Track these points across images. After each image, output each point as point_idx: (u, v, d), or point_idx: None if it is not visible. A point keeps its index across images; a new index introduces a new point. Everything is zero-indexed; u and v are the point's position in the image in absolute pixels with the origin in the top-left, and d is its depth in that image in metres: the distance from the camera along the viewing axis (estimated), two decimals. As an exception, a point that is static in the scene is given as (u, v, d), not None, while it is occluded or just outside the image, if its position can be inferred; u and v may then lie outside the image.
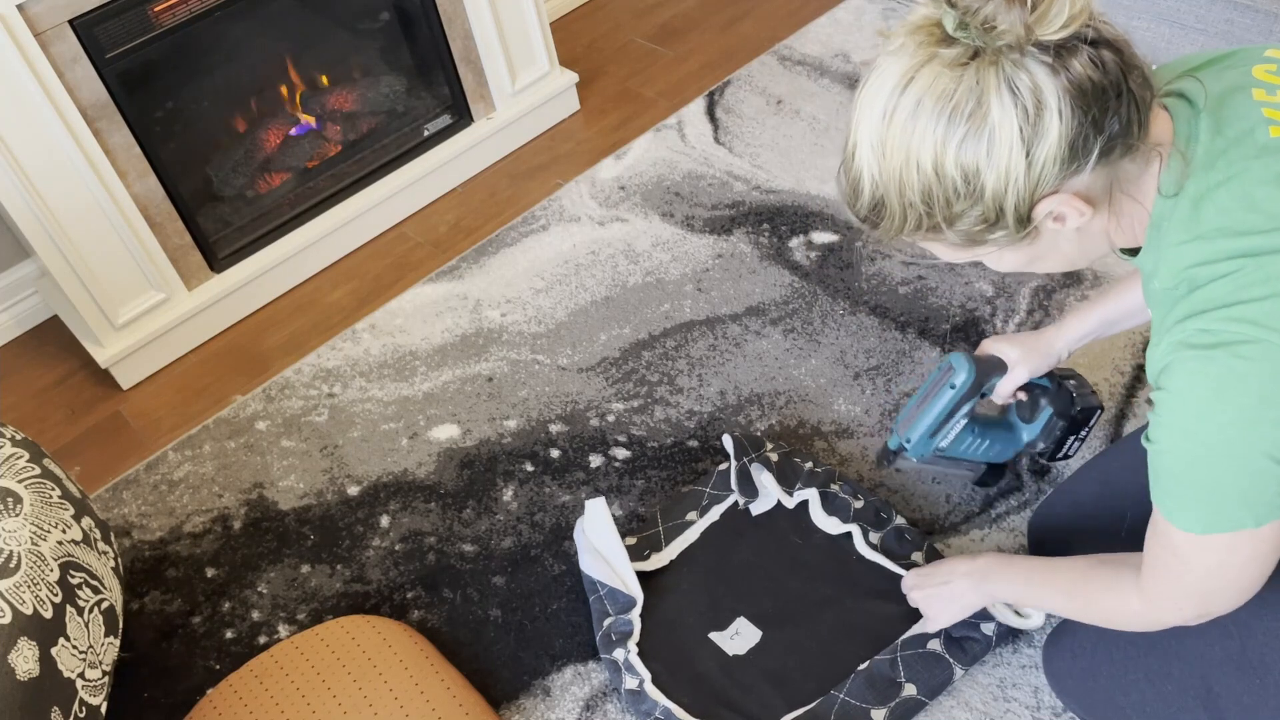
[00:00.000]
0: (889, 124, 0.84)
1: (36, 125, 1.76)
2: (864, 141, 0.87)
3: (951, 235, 0.89)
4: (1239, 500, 0.86)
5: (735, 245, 2.04)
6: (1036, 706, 1.32)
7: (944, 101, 0.81)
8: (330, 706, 1.38)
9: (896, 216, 0.89)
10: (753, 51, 2.53)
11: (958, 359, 1.31)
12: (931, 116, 0.82)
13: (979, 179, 0.83)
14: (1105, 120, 0.81)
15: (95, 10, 1.78)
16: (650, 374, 1.84)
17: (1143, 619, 1.02)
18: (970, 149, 0.82)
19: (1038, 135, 0.80)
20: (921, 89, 0.82)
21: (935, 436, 1.35)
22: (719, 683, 1.39)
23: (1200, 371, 0.84)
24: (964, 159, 0.82)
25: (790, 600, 1.47)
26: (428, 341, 1.99)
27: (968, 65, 0.81)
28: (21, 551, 1.25)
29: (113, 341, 2.02)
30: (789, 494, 1.55)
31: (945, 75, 0.81)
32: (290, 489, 1.78)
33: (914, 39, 0.84)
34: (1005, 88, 0.80)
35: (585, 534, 1.52)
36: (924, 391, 1.35)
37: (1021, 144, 0.81)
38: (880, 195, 0.88)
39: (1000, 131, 0.81)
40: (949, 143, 0.82)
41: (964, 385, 1.30)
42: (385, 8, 2.23)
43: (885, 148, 0.85)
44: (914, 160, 0.84)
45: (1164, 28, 1.82)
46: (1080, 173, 0.83)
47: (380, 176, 2.28)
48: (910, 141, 0.84)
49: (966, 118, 0.81)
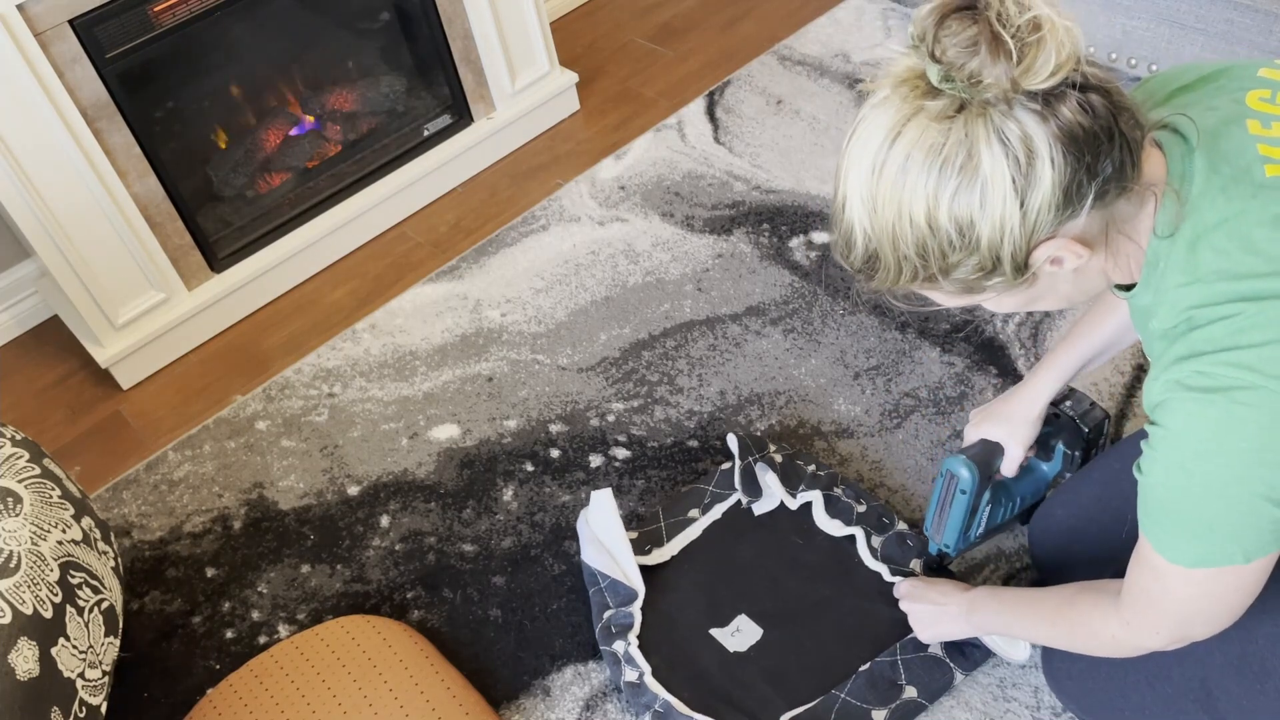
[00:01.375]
0: (879, 178, 0.84)
1: (36, 125, 1.76)
2: (854, 195, 0.86)
3: (948, 284, 0.88)
4: (1230, 537, 0.87)
5: (735, 245, 2.05)
6: (1036, 706, 1.32)
7: (934, 155, 0.81)
8: (330, 706, 1.38)
9: (891, 269, 0.88)
10: (753, 51, 2.53)
11: (955, 464, 1.32)
12: (922, 170, 0.81)
13: (974, 230, 0.82)
14: (1098, 164, 0.81)
15: (95, 10, 1.78)
16: (650, 374, 1.84)
17: (1121, 645, 1.04)
18: (963, 201, 0.81)
19: (1031, 184, 0.80)
20: (910, 143, 0.82)
21: (969, 531, 1.37)
22: (719, 679, 1.39)
23: (1199, 414, 0.84)
24: (957, 211, 0.82)
25: (791, 600, 1.47)
26: (428, 341, 1.99)
27: (955, 117, 0.80)
28: (21, 551, 1.25)
29: (113, 341, 2.02)
30: (792, 495, 1.55)
31: (933, 128, 0.81)
32: (290, 489, 1.78)
33: (899, 92, 0.83)
34: (995, 138, 0.79)
35: (589, 524, 1.52)
36: (937, 499, 1.36)
37: (1015, 194, 0.80)
38: (874, 249, 0.87)
39: (993, 183, 0.80)
40: (941, 196, 0.82)
41: (972, 486, 1.32)
42: (385, 8, 2.23)
43: (876, 202, 0.85)
44: (906, 214, 0.83)
45: (1164, 28, 1.82)
46: (1076, 217, 0.83)
47: (380, 176, 2.28)
48: (902, 196, 0.83)
49: (958, 170, 0.80)
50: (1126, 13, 1.87)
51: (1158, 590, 0.95)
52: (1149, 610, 0.98)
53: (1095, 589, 1.09)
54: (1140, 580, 0.97)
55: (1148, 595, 0.97)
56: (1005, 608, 1.25)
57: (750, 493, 1.56)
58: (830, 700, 1.33)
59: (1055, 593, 1.16)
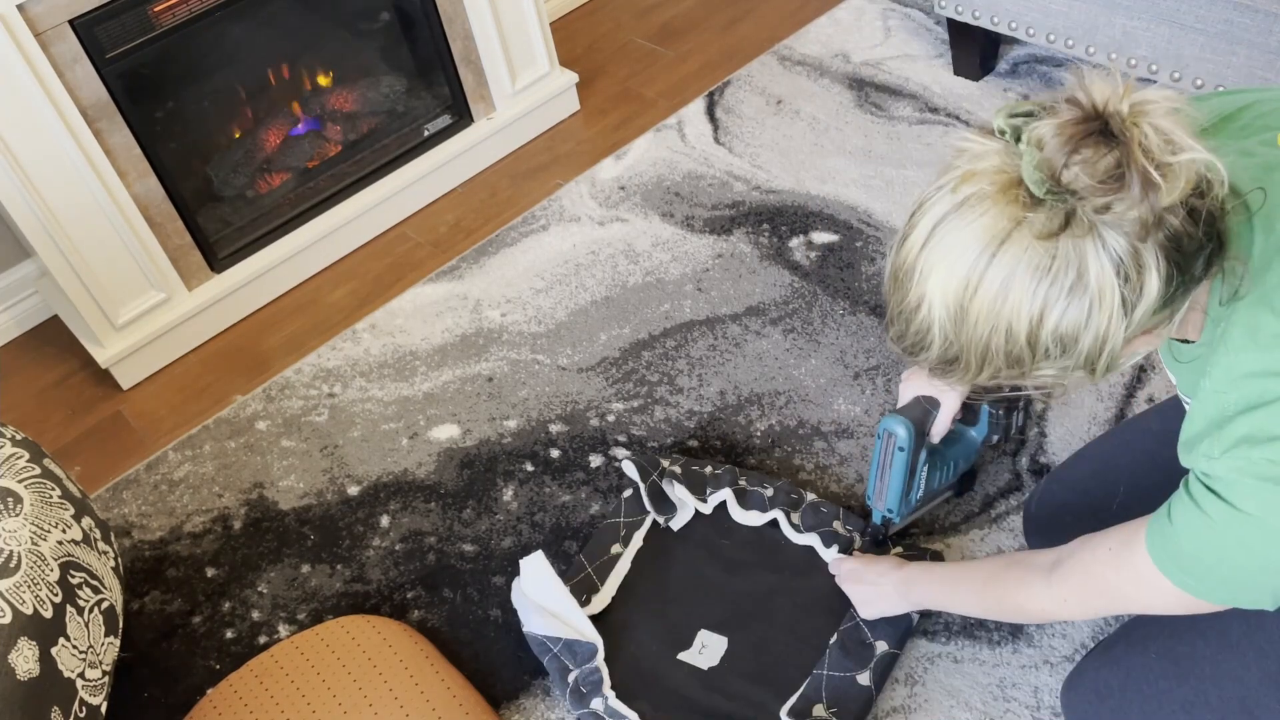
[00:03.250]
0: (974, 294, 0.80)
1: (37, 125, 1.76)
2: (938, 303, 0.82)
3: (1029, 382, 0.86)
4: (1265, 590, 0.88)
5: (735, 245, 2.05)
6: (1036, 706, 1.32)
7: (1041, 274, 0.77)
8: (330, 706, 1.38)
9: (971, 371, 0.85)
10: (753, 51, 2.53)
11: (891, 423, 1.35)
12: (1027, 290, 0.78)
13: (1077, 344, 0.80)
14: (1195, 266, 0.79)
15: (95, 10, 1.78)
16: (650, 374, 1.84)
17: (1046, 616, 1.08)
18: (1071, 318, 0.78)
19: (1139, 298, 0.77)
20: (1014, 260, 0.77)
21: (910, 494, 1.41)
22: (706, 699, 1.38)
23: (1273, 505, 0.82)
24: (1063, 328, 0.79)
25: (740, 599, 1.47)
26: (428, 341, 1.99)
27: (1061, 234, 0.76)
28: (21, 551, 1.25)
29: (113, 341, 2.02)
30: (703, 500, 1.56)
31: (1038, 246, 0.77)
32: (290, 489, 1.78)
33: (993, 198, 0.78)
34: (1105, 256, 0.76)
35: (525, 594, 1.47)
36: (877, 462, 1.40)
37: (1123, 310, 0.78)
38: (955, 354, 0.84)
39: (1101, 300, 0.77)
40: (1048, 315, 0.78)
41: (909, 443, 1.35)
42: (385, 8, 2.23)
43: (969, 315, 0.81)
44: (1004, 330, 0.80)
45: (1164, 28, 1.82)
46: (1170, 319, 0.81)
47: (380, 176, 2.28)
48: (1001, 312, 0.79)
49: (1067, 291, 0.77)
50: (1126, 13, 1.87)
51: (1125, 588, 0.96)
52: (1099, 598, 1.00)
53: (1022, 563, 1.12)
54: (1107, 574, 0.98)
55: (1107, 587, 0.98)
56: (938, 582, 1.28)
57: (664, 510, 1.56)
58: (816, 679, 1.34)
59: (984, 565, 1.20)
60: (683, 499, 1.57)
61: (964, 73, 2.28)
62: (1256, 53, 1.74)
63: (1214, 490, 0.86)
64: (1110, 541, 0.99)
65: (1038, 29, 2.02)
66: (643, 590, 1.51)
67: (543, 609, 1.45)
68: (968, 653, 1.38)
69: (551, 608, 1.44)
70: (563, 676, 1.39)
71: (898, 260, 0.86)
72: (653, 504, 1.56)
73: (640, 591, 1.51)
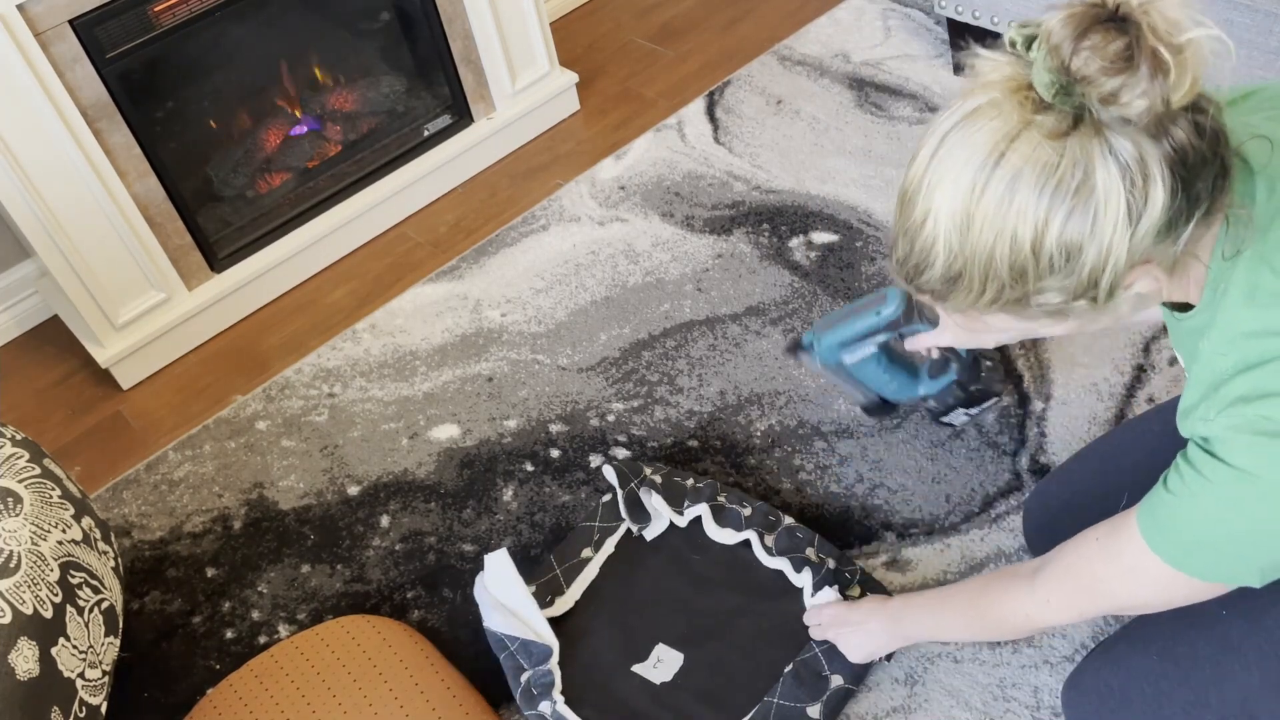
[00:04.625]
0: (979, 198, 0.79)
1: (37, 125, 1.76)
2: (943, 212, 0.81)
3: (1030, 309, 0.84)
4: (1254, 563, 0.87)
5: (735, 245, 2.05)
6: (1036, 706, 1.32)
7: (1047, 175, 0.77)
8: (330, 706, 1.38)
9: (974, 291, 0.84)
10: (753, 51, 2.53)
11: (893, 293, 1.35)
12: (1033, 191, 0.77)
13: (1080, 255, 0.79)
14: (1199, 188, 0.78)
15: (95, 10, 1.78)
16: (650, 374, 1.84)
17: (1031, 623, 1.07)
18: (1075, 225, 0.77)
19: (1143, 209, 0.77)
20: (1019, 161, 0.77)
21: (843, 350, 1.41)
22: (653, 714, 1.37)
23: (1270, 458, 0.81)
24: (1068, 236, 0.78)
25: (703, 617, 1.46)
26: (428, 341, 1.99)
27: (1069, 135, 0.76)
28: (21, 551, 1.25)
29: (113, 341, 2.02)
30: (680, 513, 1.55)
31: (1046, 146, 0.76)
32: (290, 489, 1.78)
33: (1000, 104, 0.79)
34: (1111, 159, 0.76)
35: (488, 590, 1.47)
36: (852, 306, 1.40)
37: (1128, 220, 0.77)
38: (959, 269, 0.83)
39: (1107, 206, 0.76)
40: (1053, 219, 0.77)
41: (886, 319, 1.35)
42: (385, 8, 2.23)
43: (973, 222, 0.80)
44: (1008, 237, 0.79)
45: (1164, 28, 1.82)
46: (1174, 243, 0.80)
47: (380, 176, 2.28)
48: (1006, 217, 0.79)
49: (1072, 192, 0.76)
50: (1126, 13, 1.87)
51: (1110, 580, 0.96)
52: (1082, 594, 1.00)
53: (1004, 574, 1.13)
54: (1092, 568, 0.98)
55: (1092, 580, 0.98)
56: (924, 612, 1.26)
57: (638, 519, 1.55)
58: (765, 707, 1.33)
59: (968, 584, 1.20)
60: (658, 509, 1.56)
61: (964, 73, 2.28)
62: (1256, 53, 1.74)
63: (1210, 452, 0.85)
64: (1098, 532, 0.99)
65: (1038, 29, 2.02)
66: (607, 597, 1.50)
67: (503, 606, 1.44)
68: (968, 653, 1.38)
69: (511, 606, 1.44)
70: (516, 676, 1.39)
71: (906, 180, 0.85)
72: (628, 512, 1.55)
73: (605, 598, 1.50)
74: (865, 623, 1.34)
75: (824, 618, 1.38)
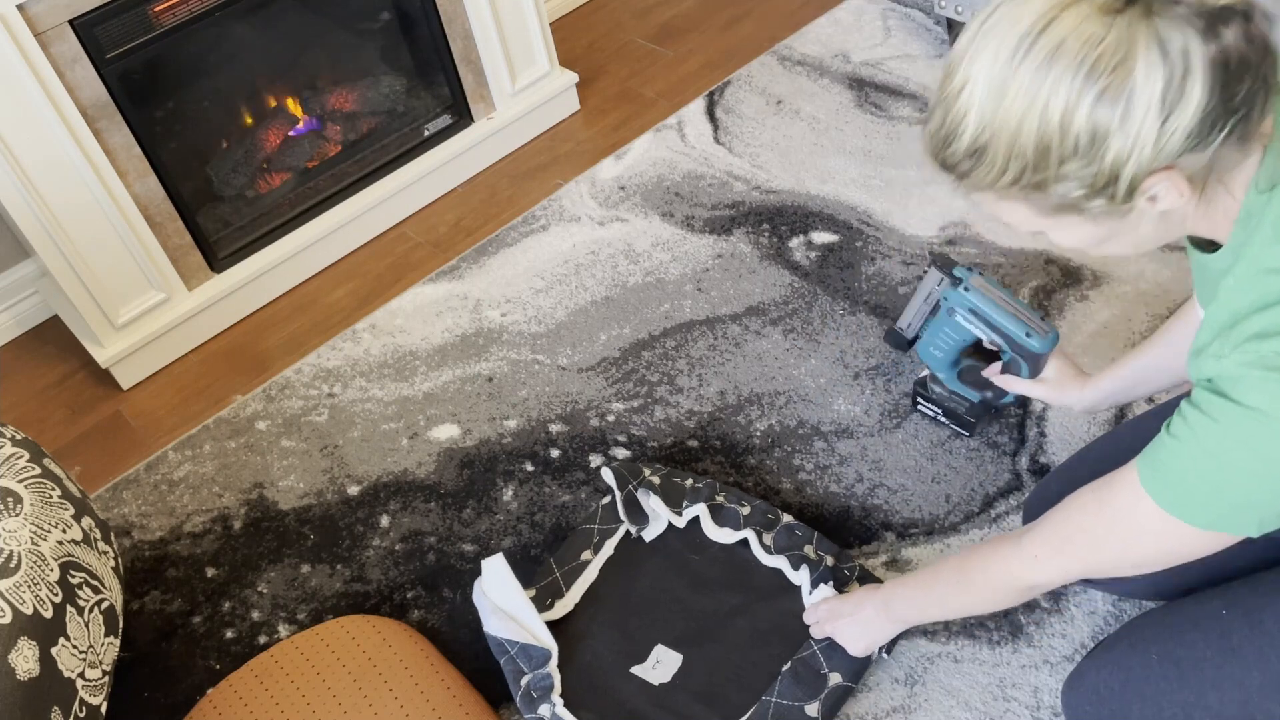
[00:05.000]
0: (1018, 65, 0.78)
1: (36, 125, 1.76)
2: (980, 78, 0.80)
3: (1042, 198, 0.83)
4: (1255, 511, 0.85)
5: (735, 245, 2.05)
6: (1036, 706, 1.32)
7: (1089, 49, 0.75)
8: (330, 706, 1.38)
9: (997, 166, 0.82)
10: (753, 51, 2.53)
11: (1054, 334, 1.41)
12: (1072, 64, 0.76)
13: (1106, 141, 0.77)
14: (1238, 100, 0.76)
15: (95, 10, 1.78)
16: (650, 374, 1.84)
17: (1016, 583, 1.07)
18: (1106, 107, 0.76)
19: (1178, 104, 0.75)
20: (1064, 31, 0.76)
21: (917, 325, 1.65)
22: (652, 715, 1.37)
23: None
24: (1098, 116, 0.76)
25: (701, 617, 1.46)
26: (428, 341, 1.99)
27: (1121, 13, 0.75)
28: (21, 551, 1.25)
29: (113, 341, 2.02)
30: (678, 514, 1.55)
31: (1094, 20, 0.75)
32: (290, 489, 1.78)
33: None
34: (1156, 45, 0.74)
35: (486, 595, 1.47)
36: (1016, 304, 1.44)
37: (1160, 110, 0.75)
38: (985, 141, 0.81)
39: (1142, 93, 0.75)
40: (1085, 96, 0.76)
41: (1026, 345, 1.42)
42: (385, 8, 2.23)
43: (1009, 88, 0.78)
44: (1039, 108, 0.78)
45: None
46: (1202, 151, 0.78)
47: (380, 176, 2.28)
48: (1041, 88, 0.77)
49: (1110, 71, 0.75)
50: (1126, 13, 1.87)
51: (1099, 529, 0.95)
52: (1069, 545, 0.99)
53: (993, 539, 1.13)
54: (1082, 519, 0.97)
55: (1079, 530, 0.97)
56: (915, 587, 1.26)
57: (637, 521, 1.55)
58: (764, 707, 1.33)
59: (952, 558, 1.19)
60: (657, 510, 1.56)
61: None
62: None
63: (1219, 391, 0.83)
64: (1094, 485, 0.97)
65: (1038, 29, 2.02)
66: (606, 599, 1.50)
67: (501, 611, 1.44)
68: (968, 653, 1.38)
69: (509, 610, 1.44)
70: (516, 679, 1.39)
71: (952, 51, 0.84)
72: (627, 513, 1.55)
73: (604, 600, 1.50)
74: (858, 611, 1.33)
75: (820, 614, 1.39)
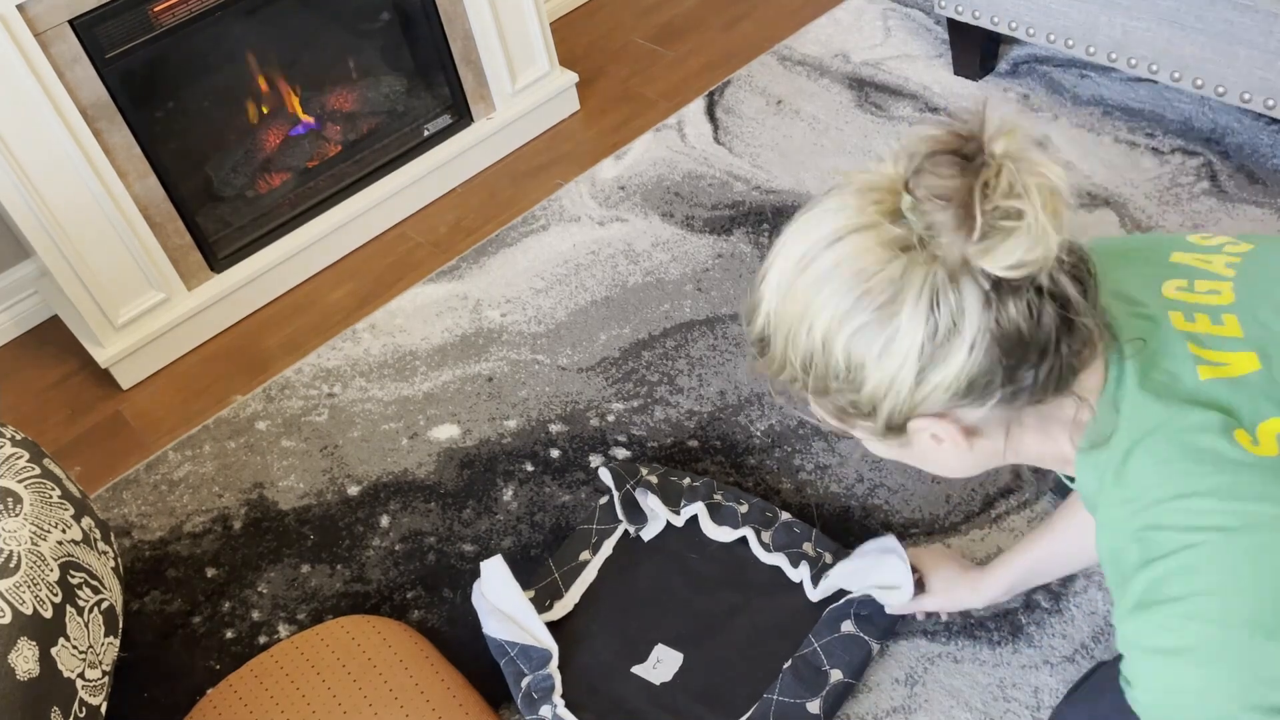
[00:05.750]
0: (801, 273, 0.77)
1: (36, 125, 1.76)
2: (774, 275, 0.80)
3: (832, 402, 0.82)
4: None
5: (735, 245, 2.05)
6: (1036, 706, 1.32)
7: (860, 280, 0.74)
8: (330, 706, 1.38)
9: (775, 362, 0.82)
10: (753, 51, 2.53)
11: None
12: (841, 288, 0.75)
13: (861, 373, 0.76)
14: (1019, 372, 0.74)
15: (95, 10, 1.78)
16: (650, 374, 1.84)
17: None
18: (863, 341, 0.75)
19: (936, 360, 0.73)
20: (844, 253, 0.75)
21: None
22: (653, 715, 1.37)
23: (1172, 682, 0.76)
24: (853, 347, 0.76)
25: (701, 616, 1.46)
26: (428, 341, 1.99)
27: (901, 255, 0.73)
28: (21, 551, 1.25)
29: (113, 341, 2.02)
30: (676, 513, 1.55)
31: (874, 252, 0.74)
32: (290, 489, 1.78)
33: (865, 197, 0.76)
34: (928, 296, 0.72)
35: (485, 597, 1.47)
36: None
37: (916, 361, 0.74)
38: (769, 335, 0.82)
39: (901, 339, 0.73)
40: (846, 324, 0.75)
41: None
42: (385, 8, 2.23)
43: (788, 294, 0.78)
44: (807, 321, 0.77)
45: (1164, 28, 1.82)
46: (974, 409, 0.77)
47: (380, 176, 2.28)
48: (812, 301, 0.76)
49: (875, 308, 0.74)
50: (1126, 13, 1.87)
51: None
52: None
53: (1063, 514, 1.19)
54: None
55: None
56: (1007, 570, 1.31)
57: (635, 520, 1.55)
58: (765, 705, 1.33)
59: None
60: (655, 510, 1.56)
61: (964, 73, 2.28)
62: (1256, 53, 1.74)
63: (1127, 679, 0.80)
64: None
65: (1038, 29, 2.02)
66: (606, 599, 1.50)
67: (501, 612, 1.44)
68: (968, 653, 1.38)
69: (509, 612, 1.44)
70: (517, 681, 1.39)
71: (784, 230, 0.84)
72: (625, 513, 1.55)
73: (603, 600, 1.50)
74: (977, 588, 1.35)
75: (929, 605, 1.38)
